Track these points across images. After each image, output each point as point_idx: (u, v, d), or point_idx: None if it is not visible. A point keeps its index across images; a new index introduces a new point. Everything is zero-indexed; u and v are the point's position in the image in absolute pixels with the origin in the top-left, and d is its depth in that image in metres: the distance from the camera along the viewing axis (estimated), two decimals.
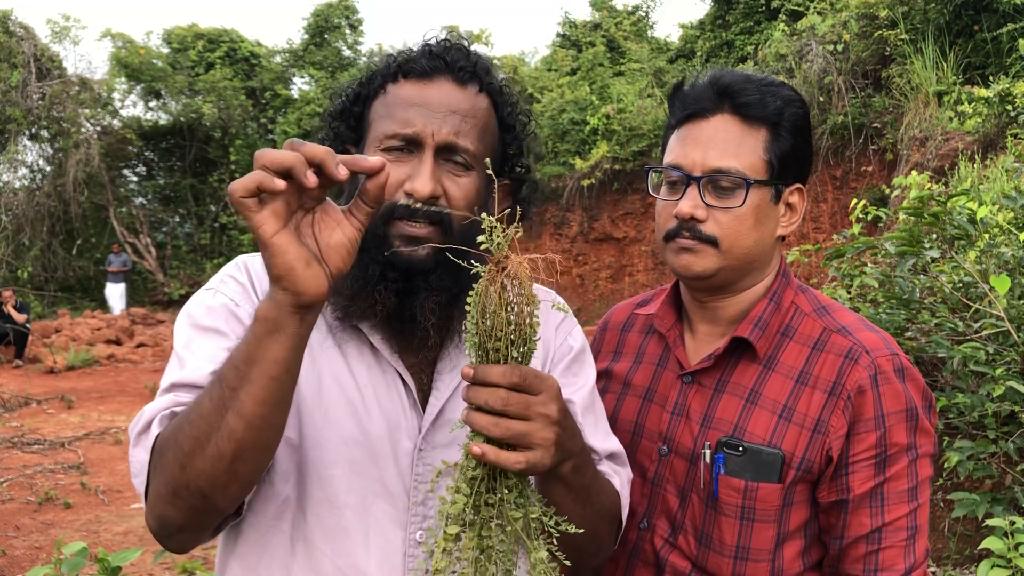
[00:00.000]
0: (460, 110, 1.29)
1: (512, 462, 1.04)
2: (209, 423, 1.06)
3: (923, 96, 10.38)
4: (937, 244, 3.72)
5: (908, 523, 1.40)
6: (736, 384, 1.48)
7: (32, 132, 20.89)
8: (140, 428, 1.17)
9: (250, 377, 1.04)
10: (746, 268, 1.48)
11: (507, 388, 1.04)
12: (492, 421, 1.04)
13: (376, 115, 1.33)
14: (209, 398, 1.07)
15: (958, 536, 4.10)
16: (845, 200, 11.44)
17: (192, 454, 1.06)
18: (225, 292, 1.31)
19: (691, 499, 1.48)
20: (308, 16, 23.70)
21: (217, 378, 1.08)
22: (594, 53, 17.75)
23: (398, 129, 1.27)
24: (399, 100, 1.30)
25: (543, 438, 1.06)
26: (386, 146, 1.28)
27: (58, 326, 15.76)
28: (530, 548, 1.08)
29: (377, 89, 1.34)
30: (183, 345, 1.26)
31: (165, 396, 1.20)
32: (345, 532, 1.26)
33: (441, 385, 1.34)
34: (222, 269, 1.38)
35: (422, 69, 1.31)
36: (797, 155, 1.48)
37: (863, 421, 1.39)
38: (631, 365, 1.64)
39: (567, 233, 16.05)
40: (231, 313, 1.28)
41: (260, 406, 1.05)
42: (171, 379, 1.22)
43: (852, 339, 1.44)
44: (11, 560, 5.49)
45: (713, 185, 1.43)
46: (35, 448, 8.38)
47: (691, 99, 1.48)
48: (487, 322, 1.03)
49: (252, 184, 0.97)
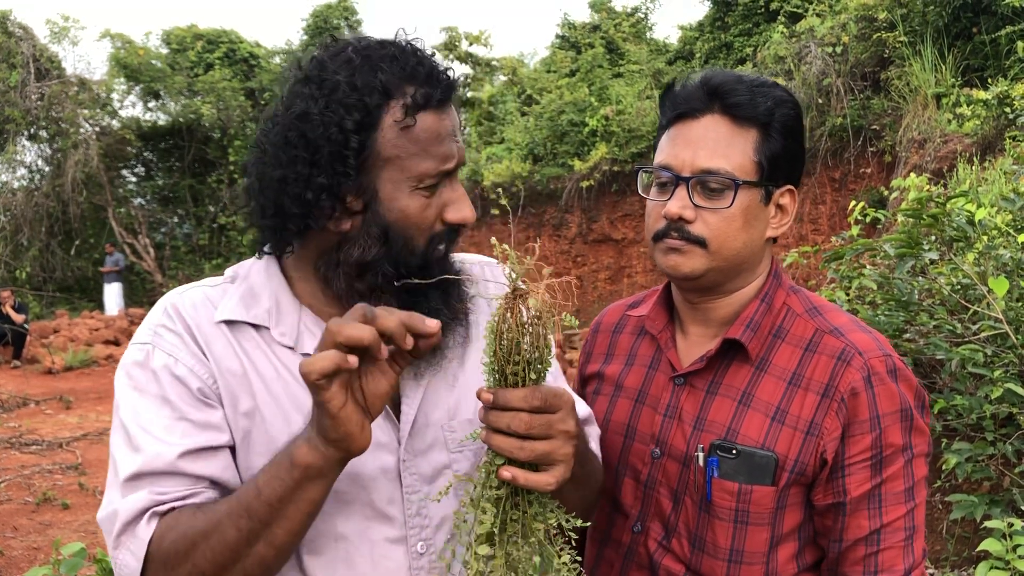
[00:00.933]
0: (459, 127, 1.29)
1: (542, 484, 1.07)
2: (236, 551, 1.09)
3: (922, 98, 10.39)
4: (936, 246, 3.72)
5: (906, 523, 1.40)
6: (728, 386, 1.47)
7: (31, 132, 20.87)
8: (120, 528, 1.14)
9: (286, 515, 1.08)
10: (735, 269, 1.47)
11: (529, 411, 1.05)
12: (517, 445, 1.06)
13: (402, 151, 1.20)
14: (236, 529, 1.09)
15: (956, 538, 4.10)
16: (844, 202, 11.45)
17: (214, 574, 1.10)
18: (162, 347, 1.23)
19: (684, 502, 1.47)
20: (307, 17, 23.73)
21: (244, 510, 1.09)
22: (593, 54, 17.75)
23: (440, 166, 1.22)
24: (431, 135, 1.21)
25: (565, 454, 1.09)
26: (427, 184, 1.22)
27: (56, 326, 15.76)
28: (551, 554, 1.10)
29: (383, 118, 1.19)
30: (131, 419, 1.19)
31: (136, 491, 1.15)
32: (347, 563, 1.25)
33: (409, 391, 1.31)
34: (150, 315, 1.29)
35: (439, 99, 1.24)
36: (788, 156, 1.47)
37: (858, 423, 1.38)
38: (623, 367, 1.63)
39: (566, 234, 16.05)
40: (172, 376, 1.21)
41: (293, 536, 1.10)
42: (133, 468, 1.16)
43: (844, 340, 1.44)
44: (9, 561, 5.49)
45: (702, 186, 1.42)
46: (33, 448, 8.37)
47: (681, 99, 1.47)
48: (504, 347, 1.04)
49: (330, 367, 0.98)
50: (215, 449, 1.20)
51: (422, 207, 1.22)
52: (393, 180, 1.21)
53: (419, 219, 1.22)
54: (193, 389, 1.21)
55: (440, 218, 1.25)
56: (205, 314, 1.26)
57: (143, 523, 1.14)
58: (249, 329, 1.26)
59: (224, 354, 1.24)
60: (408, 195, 1.21)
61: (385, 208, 1.21)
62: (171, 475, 1.16)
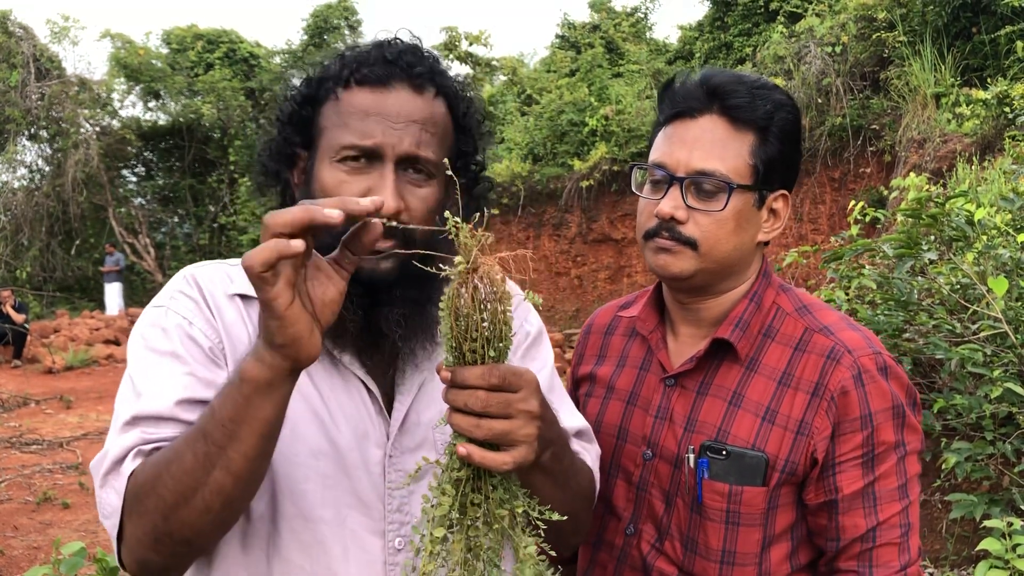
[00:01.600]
0: (419, 119, 1.24)
1: (499, 463, 1.03)
2: (194, 478, 1.05)
3: (921, 98, 10.39)
4: (935, 246, 3.73)
5: (901, 520, 1.40)
6: (719, 386, 1.47)
7: (31, 132, 20.88)
8: (108, 467, 1.13)
9: (239, 436, 1.03)
10: (725, 272, 1.47)
11: (487, 389, 1.02)
12: (473, 423, 1.03)
13: (329, 122, 1.26)
14: (193, 453, 1.05)
15: (956, 537, 4.10)
16: (843, 202, 11.45)
17: (176, 507, 1.06)
18: (176, 310, 1.25)
19: (676, 503, 1.47)
20: (307, 17, 23.71)
21: (200, 433, 1.06)
22: (593, 54, 17.74)
23: (356, 140, 1.22)
24: (354, 109, 1.24)
25: (526, 435, 1.05)
26: (342, 156, 1.22)
27: (57, 326, 15.76)
28: (518, 544, 1.07)
29: (327, 92, 1.27)
30: (139, 371, 1.21)
31: (129, 432, 1.15)
32: (322, 546, 1.24)
33: (403, 388, 1.31)
34: (169, 283, 1.32)
35: (377, 76, 1.24)
36: (784, 161, 1.46)
37: (848, 421, 1.38)
38: (614, 368, 1.62)
39: (565, 234, 16.05)
40: (185, 334, 1.23)
41: (249, 462, 1.05)
42: (131, 411, 1.17)
43: (834, 339, 1.43)
44: (9, 560, 5.49)
45: (696, 187, 1.41)
46: (33, 448, 8.38)
47: (680, 97, 1.45)
48: (461, 324, 1.01)
49: (272, 257, 0.94)
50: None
51: (337, 182, 1.22)
52: (321, 150, 1.26)
53: (333, 194, 1.20)
54: (204, 348, 1.22)
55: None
56: (221, 286, 1.29)
57: (127, 460, 1.12)
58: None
59: (234, 323, 1.26)
60: (327, 166, 1.23)
61: (314, 176, 1.26)
62: (166, 420, 1.15)
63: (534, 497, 1.11)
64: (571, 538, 1.39)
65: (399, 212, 1.20)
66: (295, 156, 1.31)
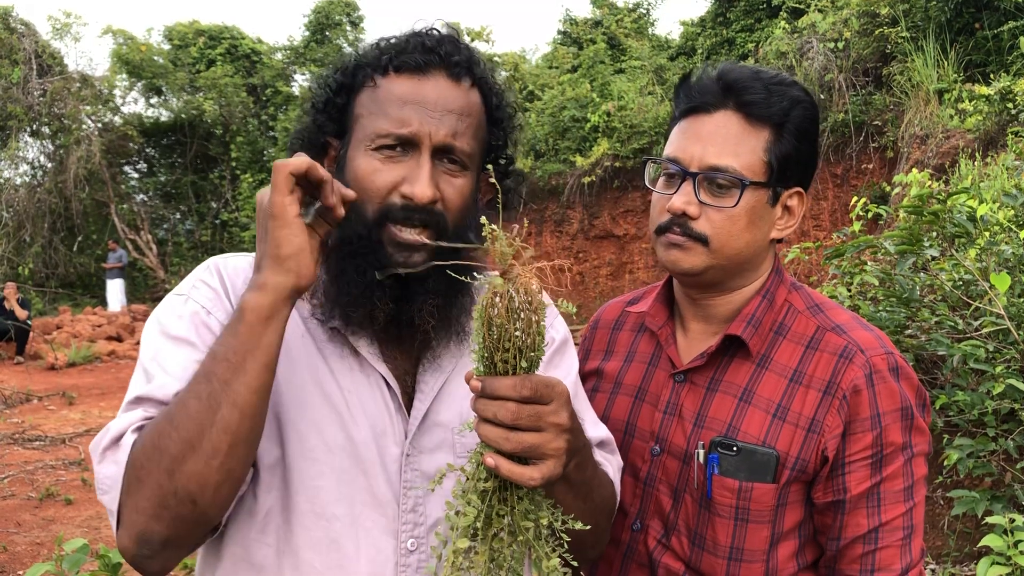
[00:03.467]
0: (456, 108, 1.24)
1: (527, 478, 1.01)
2: (200, 421, 1.04)
3: (924, 94, 10.37)
4: (937, 242, 3.72)
5: (904, 523, 1.39)
6: (729, 383, 1.46)
7: (33, 129, 20.89)
8: (107, 443, 1.12)
9: (244, 367, 1.06)
10: (736, 268, 1.46)
11: (518, 401, 1.00)
12: (503, 435, 1.00)
13: (365, 110, 1.25)
14: (196, 397, 1.06)
15: (958, 533, 4.10)
16: (845, 198, 11.44)
17: (182, 457, 1.04)
18: (196, 299, 1.25)
19: (684, 499, 1.46)
20: (309, 13, 23.72)
21: (203, 376, 1.07)
22: (595, 50, 17.73)
23: (393, 129, 1.21)
24: (392, 97, 1.23)
25: (555, 448, 1.04)
26: (379, 144, 1.22)
27: (59, 323, 15.79)
28: (541, 556, 1.05)
29: (364, 80, 1.27)
30: (151, 356, 1.21)
31: (132, 411, 1.15)
32: (334, 544, 1.22)
33: (425, 387, 1.30)
34: (193, 272, 1.32)
35: (416, 64, 1.23)
36: (799, 158, 1.45)
37: (859, 421, 1.37)
38: (622, 364, 1.61)
39: (567, 230, 16.05)
40: (202, 322, 1.22)
41: (254, 394, 1.07)
42: (137, 392, 1.17)
43: (847, 338, 1.42)
44: (12, 556, 5.50)
45: (709, 182, 1.40)
46: (36, 444, 8.40)
47: (696, 92, 1.44)
48: (493, 333, 0.99)
49: (304, 166, 1.04)
50: None
51: (372, 170, 1.22)
52: (356, 138, 1.26)
53: (367, 182, 1.21)
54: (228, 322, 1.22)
55: (398, 191, 1.21)
56: (244, 276, 1.29)
57: (128, 434, 1.12)
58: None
59: None
60: (362, 154, 1.23)
61: (347, 165, 1.25)
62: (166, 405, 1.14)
63: (558, 508, 1.10)
64: (590, 550, 1.38)
65: (435, 201, 1.21)
66: (327, 144, 1.31)
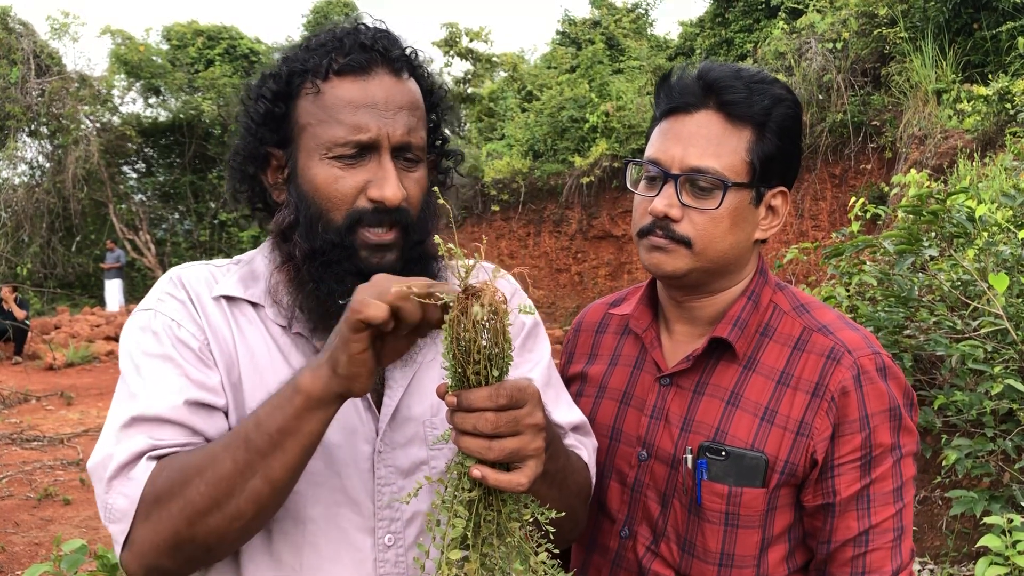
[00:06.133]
0: (405, 104, 1.23)
1: (514, 484, 1.03)
2: (231, 484, 1.06)
3: (922, 94, 10.38)
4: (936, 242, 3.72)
5: (894, 524, 1.37)
6: (716, 386, 1.44)
7: (31, 129, 20.88)
8: (113, 471, 1.12)
9: (284, 446, 1.06)
10: (721, 270, 1.44)
11: (495, 410, 1.01)
12: (485, 445, 1.01)
13: (312, 118, 1.22)
14: (233, 460, 1.07)
15: (956, 534, 4.11)
16: (844, 198, 11.45)
17: (206, 511, 1.07)
18: (165, 312, 1.25)
19: (673, 505, 1.44)
20: (307, 13, 23.74)
21: (242, 440, 1.07)
22: (593, 50, 17.73)
23: (350, 136, 1.19)
24: (341, 102, 1.20)
25: (535, 448, 1.05)
26: (336, 154, 1.20)
27: (57, 323, 15.77)
28: (529, 553, 1.06)
29: (301, 86, 1.24)
30: (133, 372, 1.21)
31: (131, 435, 1.15)
32: (313, 546, 1.23)
33: (393, 383, 1.30)
34: (156, 285, 1.32)
35: (359, 64, 1.21)
36: (782, 157, 1.42)
37: (848, 422, 1.36)
38: (607, 367, 1.59)
39: (566, 231, 16.06)
40: (175, 336, 1.23)
41: (289, 472, 1.08)
42: (129, 413, 1.16)
43: (833, 339, 1.41)
44: (10, 556, 5.50)
45: (691, 184, 1.38)
46: (34, 444, 8.38)
47: (677, 92, 1.42)
48: (463, 348, 0.99)
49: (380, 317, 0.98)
50: (212, 408, 1.20)
51: (332, 178, 1.20)
52: (306, 148, 1.22)
53: (330, 191, 1.20)
54: (194, 349, 1.22)
55: (364, 195, 1.21)
56: (206, 287, 1.29)
57: (140, 464, 1.12)
58: (246, 306, 1.29)
59: (219, 325, 1.26)
60: (318, 163, 1.21)
61: (300, 177, 1.23)
62: (169, 423, 1.16)
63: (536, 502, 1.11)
64: (568, 535, 1.39)
65: (403, 200, 1.22)
66: (267, 156, 1.28)
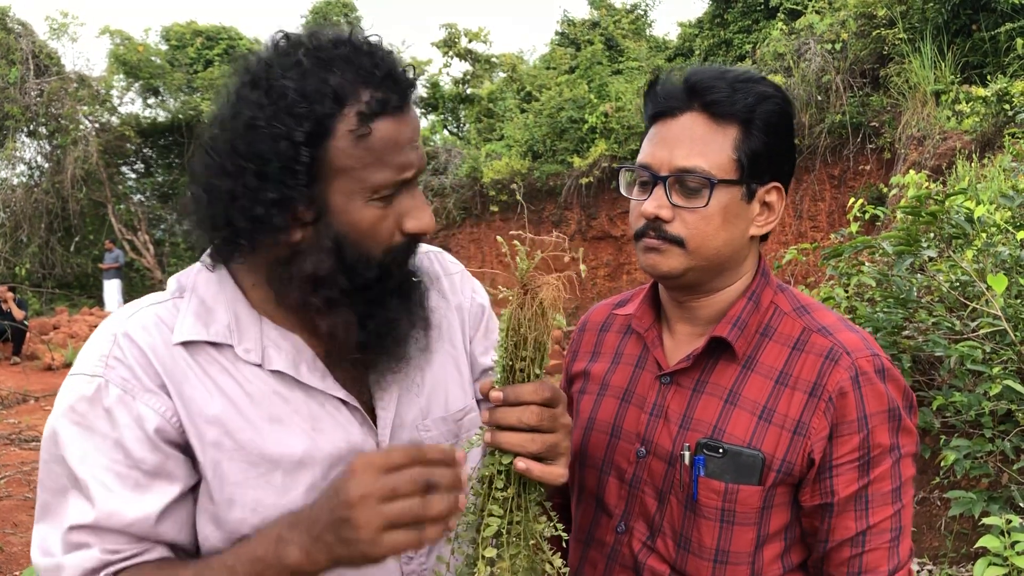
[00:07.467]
0: (419, 131, 1.21)
1: (556, 476, 1.08)
2: None
3: (921, 95, 10.39)
4: (934, 243, 3.73)
5: (892, 524, 1.39)
6: (715, 384, 1.46)
7: (30, 129, 20.87)
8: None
9: None
10: (717, 268, 1.46)
11: (539, 404, 1.06)
12: (528, 438, 1.06)
13: (356, 161, 1.12)
14: None
15: (955, 534, 4.11)
16: (843, 199, 11.45)
17: None
18: (116, 383, 1.13)
19: (670, 501, 1.46)
20: (306, 13, 23.72)
21: None
22: (592, 51, 17.74)
23: (397, 176, 1.14)
24: (387, 144, 1.13)
25: (567, 446, 1.10)
26: (382, 195, 1.14)
27: (56, 323, 15.76)
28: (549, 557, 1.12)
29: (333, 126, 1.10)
30: (79, 461, 1.11)
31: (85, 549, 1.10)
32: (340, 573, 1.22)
33: (385, 395, 1.28)
34: (95, 343, 1.17)
35: (397, 103, 1.15)
36: (771, 153, 1.44)
37: (846, 423, 1.37)
38: (609, 366, 1.62)
39: (565, 231, 16.06)
40: (128, 416, 1.13)
41: None
42: (84, 519, 1.10)
43: (832, 339, 1.42)
44: (8, 557, 5.50)
45: (680, 185, 1.41)
46: (33, 445, 8.38)
47: (662, 97, 1.45)
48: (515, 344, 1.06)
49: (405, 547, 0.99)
50: (169, 507, 1.15)
51: (377, 219, 1.15)
52: (346, 191, 1.13)
53: (373, 231, 1.15)
54: (150, 431, 1.12)
55: (398, 228, 1.18)
56: (160, 337, 1.17)
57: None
58: (209, 348, 1.18)
59: (184, 380, 1.15)
60: (362, 207, 1.13)
61: (337, 220, 1.13)
62: (123, 533, 1.11)
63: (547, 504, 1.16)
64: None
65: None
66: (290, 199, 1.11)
